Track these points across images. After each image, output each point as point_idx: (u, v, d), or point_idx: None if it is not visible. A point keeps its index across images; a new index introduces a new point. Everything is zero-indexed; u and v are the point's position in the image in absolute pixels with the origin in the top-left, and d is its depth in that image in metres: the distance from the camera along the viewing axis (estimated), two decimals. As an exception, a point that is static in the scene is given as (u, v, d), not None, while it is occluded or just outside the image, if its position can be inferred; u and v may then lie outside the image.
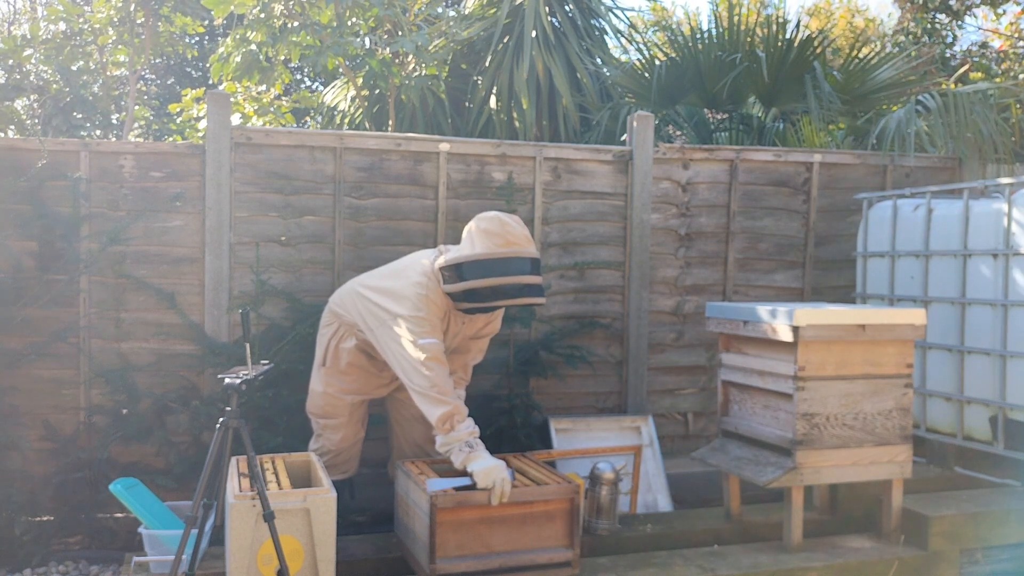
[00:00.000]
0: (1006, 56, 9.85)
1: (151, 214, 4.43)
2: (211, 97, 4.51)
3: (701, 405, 5.21)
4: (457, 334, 3.77)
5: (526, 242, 3.56)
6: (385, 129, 7.16)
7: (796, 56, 6.00)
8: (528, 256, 3.52)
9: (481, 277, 3.45)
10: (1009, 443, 4.16)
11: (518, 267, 3.49)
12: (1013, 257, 4.12)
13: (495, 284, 3.46)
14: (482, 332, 3.88)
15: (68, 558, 4.11)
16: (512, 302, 3.53)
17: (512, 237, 3.51)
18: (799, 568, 3.57)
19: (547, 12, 6.92)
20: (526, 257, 3.51)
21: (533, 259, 3.54)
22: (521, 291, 3.49)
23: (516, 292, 3.49)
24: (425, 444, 3.97)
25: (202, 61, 10.44)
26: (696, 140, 6.58)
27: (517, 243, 3.51)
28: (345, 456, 4.01)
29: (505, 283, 3.47)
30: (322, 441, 3.99)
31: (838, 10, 14.19)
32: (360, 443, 4.09)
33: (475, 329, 3.83)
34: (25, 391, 4.30)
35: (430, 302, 3.54)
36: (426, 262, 3.65)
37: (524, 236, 3.57)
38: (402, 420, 4.04)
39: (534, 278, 3.52)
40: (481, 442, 3.40)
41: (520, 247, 3.51)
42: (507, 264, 3.47)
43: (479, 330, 3.85)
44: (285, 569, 2.92)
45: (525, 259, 3.51)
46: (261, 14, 6.15)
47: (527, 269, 3.51)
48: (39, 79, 6.40)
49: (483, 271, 3.46)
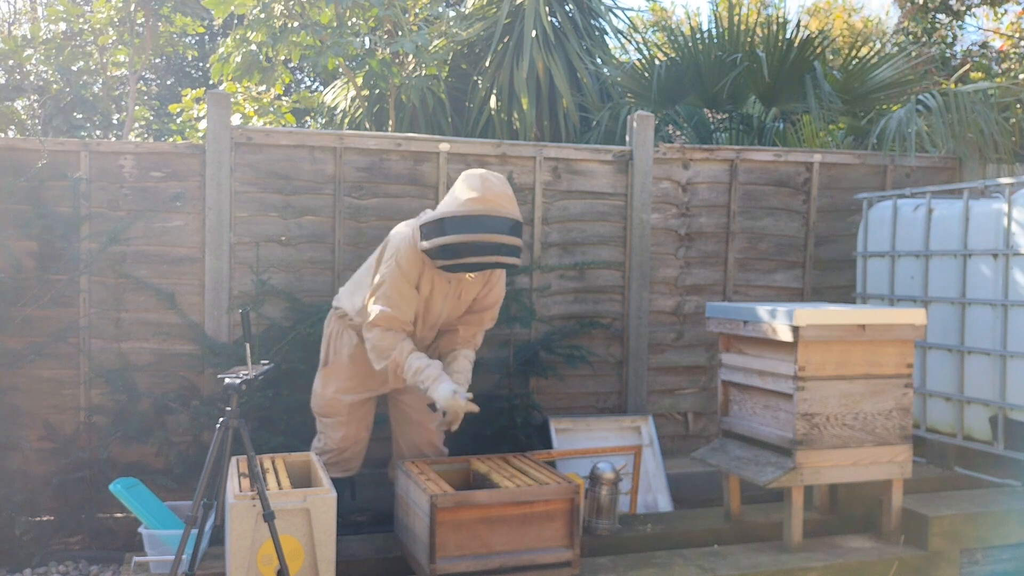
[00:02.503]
0: (1007, 56, 9.85)
1: (151, 214, 4.43)
2: (211, 97, 4.51)
3: (701, 405, 5.21)
4: (447, 296, 3.70)
5: (507, 201, 3.48)
6: (385, 129, 7.16)
7: (796, 56, 6.00)
8: (504, 215, 3.43)
9: (454, 233, 3.40)
10: (1009, 443, 4.16)
11: (492, 225, 3.41)
12: (1013, 257, 4.12)
13: (466, 240, 3.39)
14: (486, 301, 3.81)
15: (68, 558, 4.11)
16: (484, 259, 3.43)
17: (490, 195, 3.45)
18: (799, 568, 3.56)
19: (547, 12, 6.92)
20: (502, 216, 3.43)
21: (511, 219, 3.45)
22: (493, 249, 3.41)
23: (488, 250, 3.40)
24: (424, 447, 3.97)
25: (202, 61, 10.44)
26: (696, 140, 6.58)
27: (494, 201, 3.44)
28: (347, 455, 4.00)
29: (476, 240, 3.39)
30: (324, 439, 3.99)
31: (834, 9, 14.19)
32: (363, 443, 4.05)
33: (473, 294, 3.76)
34: (25, 391, 4.30)
35: (404, 259, 3.56)
36: (412, 222, 3.67)
37: (504, 195, 3.49)
38: (402, 423, 4.03)
39: (509, 238, 3.42)
40: (434, 370, 3.50)
41: (496, 205, 3.44)
42: (481, 221, 3.40)
43: (482, 298, 3.79)
44: (285, 569, 2.92)
45: (501, 218, 3.42)
46: (261, 14, 6.15)
47: (502, 228, 3.42)
48: (39, 79, 6.41)
49: (456, 227, 3.41)
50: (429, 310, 3.73)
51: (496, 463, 3.72)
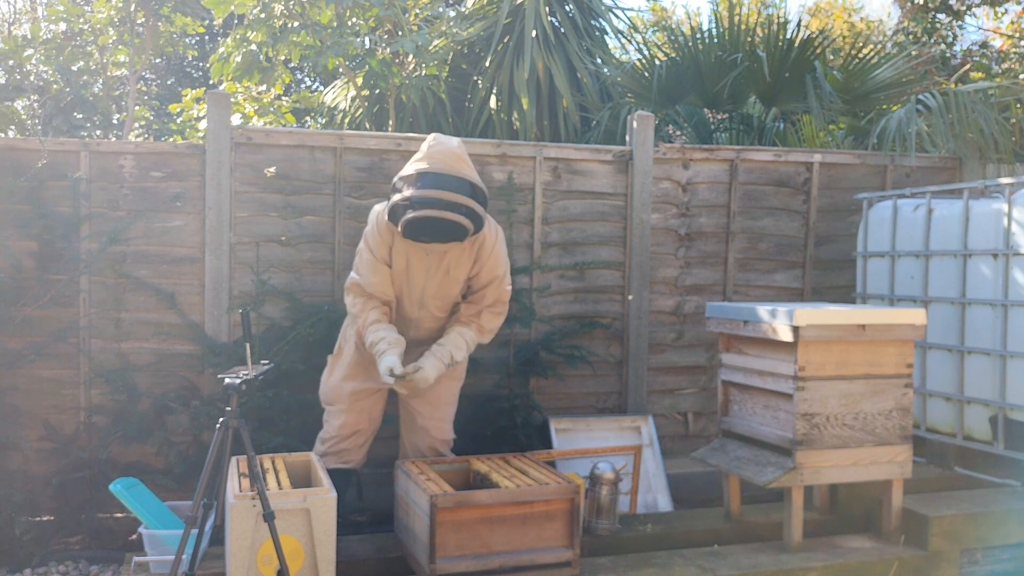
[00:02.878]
0: (1007, 56, 9.85)
1: (151, 214, 4.43)
2: (211, 97, 4.51)
3: (701, 405, 5.21)
4: (431, 271, 3.68)
5: (453, 160, 3.47)
6: (385, 129, 7.16)
7: (797, 56, 5.99)
8: (447, 172, 3.42)
9: (397, 193, 3.47)
10: (1009, 443, 4.16)
11: (433, 181, 3.41)
12: (1013, 257, 4.12)
13: (409, 196, 3.40)
14: (480, 278, 3.76)
15: (68, 558, 4.11)
16: (423, 214, 3.38)
17: (435, 153, 3.47)
18: (799, 568, 3.56)
19: (547, 12, 6.92)
20: (444, 173, 3.42)
21: (455, 177, 3.43)
22: (432, 204, 3.37)
23: (428, 204, 3.37)
24: (427, 452, 3.96)
25: (202, 61, 10.44)
26: (696, 140, 6.58)
27: (439, 159, 3.45)
28: (345, 444, 3.95)
29: (418, 196, 3.38)
30: (326, 427, 3.99)
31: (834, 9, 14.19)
32: (364, 435, 3.99)
33: (465, 271, 3.73)
34: (25, 391, 4.30)
35: (371, 232, 3.67)
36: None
37: (451, 154, 3.48)
38: (409, 426, 4.01)
39: (450, 194, 3.39)
40: (384, 345, 3.55)
41: (440, 163, 3.45)
42: (423, 178, 3.42)
43: (476, 276, 3.75)
44: (285, 569, 2.92)
45: (443, 175, 3.41)
46: (261, 14, 6.15)
47: (446, 185, 3.40)
48: (39, 79, 6.40)
49: (401, 186, 3.47)
50: (411, 284, 3.72)
51: (496, 463, 3.72)
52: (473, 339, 3.80)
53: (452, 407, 4.02)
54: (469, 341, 3.79)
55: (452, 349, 3.71)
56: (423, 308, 3.81)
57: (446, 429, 3.99)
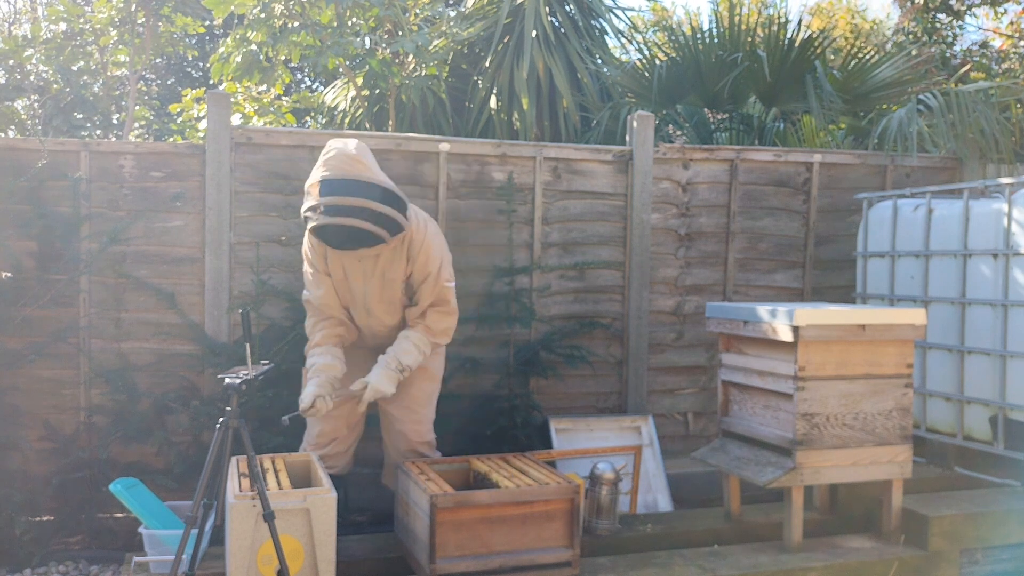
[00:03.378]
0: (1007, 56, 9.85)
1: (151, 214, 4.43)
2: (211, 97, 4.51)
3: (701, 405, 5.21)
4: (368, 276, 3.65)
5: (351, 164, 3.43)
6: (385, 129, 7.16)
7: (797, 56, 5.99)
8: (341, 177, 3.39)
9: (303, 207, 3.47)
10: (1009, 443, 4.16)
11: (329, 188, 3.38)
12: (1013, 257, 4.12)
13: (310, 206, 3.41)
14: (416, 276, 3.71)
15: (68, 558, 4.11)
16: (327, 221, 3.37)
17: (330, 158, 3.45)
18: (799, 568, 3.56)
19: (547, 12, 6.92)
20: (340, 179, 3.38)
21: (350, 180, 3.39)
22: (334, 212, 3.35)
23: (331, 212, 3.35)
24: (409, 455, 3.93)
25: (202, 61, 10.44)
26: (696, 140, 6.58)
27: (333, 164, 3.43)
28: (327, 451, 3.91)
29: (319, 204, 3.37)
30: (306, 435, 3.97)
31: (838, 11, 14.18)
32: (346, 442, 3.96)
33: (401, 271, 3.68)
34: (25, 391, 4.30)
35: (307, 247, 3.72)
36: None
37: (346, 157, 3.43)
38: (388, 430, 3.99)
39: (346, 199, 3.35)
40: (312, 372, 3.62)
41: (336, 168, 3.42)
42: (323, 185, 3.39)
43: (413, 274, 3.70)
44: (285, 569, 2.92)
45: (338, 180, 3.38)
46: (261, 14, 6.15)
47: (340, 190, 3.37)
48: (40, 79, 6.41)
49: (305, 201, 3.47)
50: (352, 292, 3.71)
51: (496, 463, 3.72)
52: (422, 341, 3.74)
53: (429, 407, 3.97)
54: (418, 344, 3.72)
55: (399, 355, 3.68)
56: (371, 315, 3.78)
57: (424, 431, 3.95)
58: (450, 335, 3.88)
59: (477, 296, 4.80)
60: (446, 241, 3.86)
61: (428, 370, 3.92)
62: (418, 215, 3.69)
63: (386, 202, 3.42)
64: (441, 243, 3.77)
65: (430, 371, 3.94)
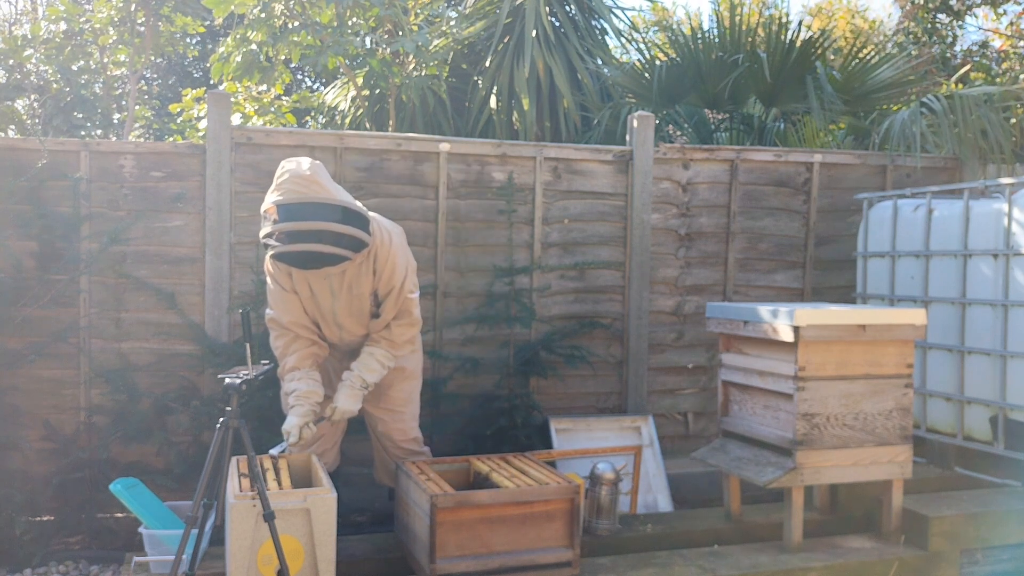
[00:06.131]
0: (1007, 56, 9.84)
1: (151, 214, 4.43)
2: (211, 97, 4.51)
3: (701, 405, 5.21)
4: (335, 291, 3.60)
5: (307, 185, 3.28)
6: (385, 129, 7.16)
7: (798, 56, 5.99)
8: (298, 202, 3.25)
9: (261, 233, 3.36)
10: (1009, 443, 4.16)
11: (287, 213, 3.25)
12: (1013, 257, 4.12)
13: (266, 233, 3.31)
14: (382, 289, 3.64)
15: (68, 558, 4.11)
16: (287, 249, 3.29)
17: (284, 182, 3.31)
18: (799, 568, 3.56)
19: (548, 12, 6.92)
20: (296, 203, 3.25)
21: (307, 204, 3.26)
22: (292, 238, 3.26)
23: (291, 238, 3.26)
24: (397, 455, 3.93)
25: (203, 61, 10.44)
26: (696, 140, 6.58)
27: (287, 187, 3.28)
28: (316, 449, 3.86)
29: (275, 232, 3.26)
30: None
31: (838, 11, 14.18)
32: (327, 443, 3.93)
33: (368, 284, 3.62)
34: (25, 391, 4.30)
35: (270, 265, 3.60)
36: None
37: (301, 179, 3.29)
38: (374, 432, 4.00)
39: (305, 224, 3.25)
40: (293, 399, 3.55)
41: (290, 192, 3.27)
42: (279, 211, 3.27)
43: (380, 286, 3.64)
44: (285, 569, 2.92)
45: (295, 205, 3.25)
46: (261, 14, 6.15)
47: (296, 215, 3.24)
48: (40, 79, 6.41)
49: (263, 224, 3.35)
50: (321, 308, 3.67)
51: (496, 463, 3.72)
52: (384, 356, 3.72)
53: (411, 405, 3.97)
54: (380, 359, 3.70)
55: (363, 372, 3.67)
56: (341, 329, 3.75)
57: (408, 429, 3.95)
58: (414, 344, 3.89)
59: (477, 296, 4.81)
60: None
61: (405, 369, 3.91)
62: (381, 227, 3.60)
63: (346, 221, 3.32)
64: (406, 253, 3.71)
65: (408, 370, 3.93)
